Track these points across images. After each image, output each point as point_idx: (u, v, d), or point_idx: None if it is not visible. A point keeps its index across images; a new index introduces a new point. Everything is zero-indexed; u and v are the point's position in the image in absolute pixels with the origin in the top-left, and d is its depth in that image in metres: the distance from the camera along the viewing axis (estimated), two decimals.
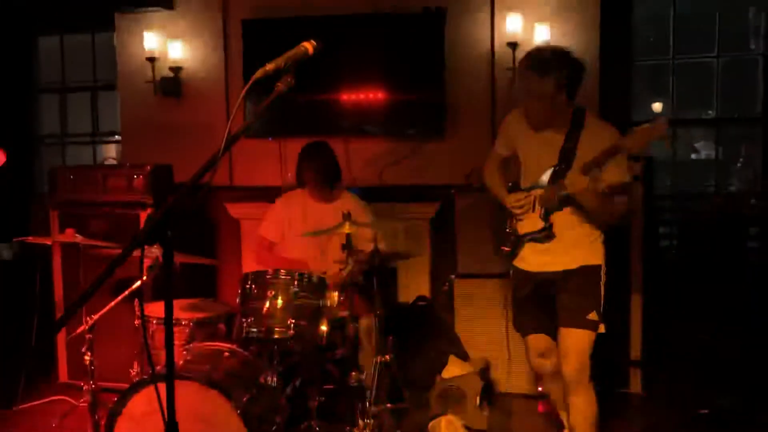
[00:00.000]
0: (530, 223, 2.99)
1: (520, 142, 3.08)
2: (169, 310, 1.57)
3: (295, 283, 3.14)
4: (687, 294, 4.10)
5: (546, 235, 2.96)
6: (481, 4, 4.84)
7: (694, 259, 4.23)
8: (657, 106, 5.56)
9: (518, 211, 3.03)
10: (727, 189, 4.84)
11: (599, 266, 2.98)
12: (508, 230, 3.14)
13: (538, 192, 2.96)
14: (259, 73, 1.63)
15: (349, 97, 4.95)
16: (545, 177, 2.94)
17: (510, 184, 3.16)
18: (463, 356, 4.12)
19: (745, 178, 4.85)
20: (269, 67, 1.64)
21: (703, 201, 4.46)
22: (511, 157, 3.17)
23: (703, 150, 5.71)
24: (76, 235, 3.62)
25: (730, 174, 5.06)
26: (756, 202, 4.26)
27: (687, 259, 4.28)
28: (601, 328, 2.93)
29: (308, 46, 1.74)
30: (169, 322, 1.59)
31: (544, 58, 2.81)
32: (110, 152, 5.85)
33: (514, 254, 3.12)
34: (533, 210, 2.98)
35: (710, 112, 5.11)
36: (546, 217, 2.93)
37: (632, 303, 3.98)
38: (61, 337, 4.50)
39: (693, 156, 5.60)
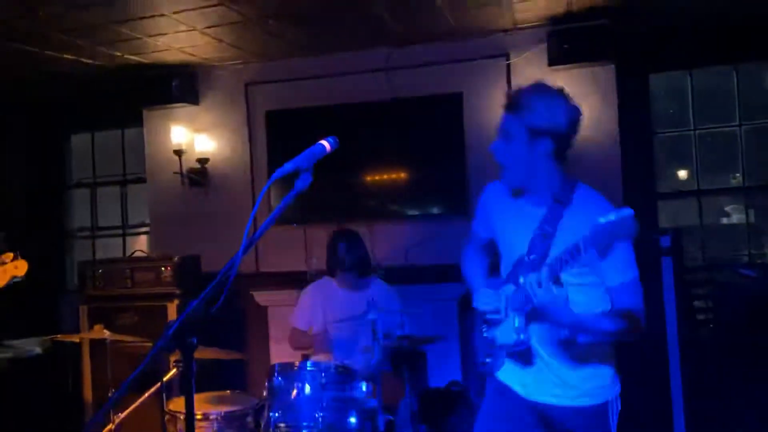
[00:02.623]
0: (506, 331, 2.17)
1: (495, 217, 2.40)
2: (190, 415, 1.54)
3: (323, 374, 3.09)
4: (729, 370, 3.95)
5: (522, 352, 2.18)
6: (498, 86, 4.92)
7: (733, 334, 4.09)
8: (682, 174, 5.52)
9: (489, 315, 2.27)
10: (761, 258, 4.73)
11: (605, 405, 2.21)
12: (485, 335, 2.34)
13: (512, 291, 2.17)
14: (277, 174, 1.64)
15: (372, 180, 5.02)
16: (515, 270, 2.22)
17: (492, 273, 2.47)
18: None
19: None
20: (288, 167, 1.66)
21: (736, 271, 4.36)
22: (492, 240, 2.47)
23: (734, 214, 5.61)
24: (104, 330, 3.64)
25: (762, 241, 4.96)
26: None
27: (726, 334, 4.14)
28: None
29: (326, 143, 1.76)
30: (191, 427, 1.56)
31: (522, 92, 2.26)
32: (139, 244, 5.93)
33: (494, 368, 2.33)
34: (506, 315, 2.17)
35: (737, 175, 5.05)
36: (522, 327, 2.10)
37: (672, 383, 3.84)
38: None
39: (724, 220, 5.50)
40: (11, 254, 2.46)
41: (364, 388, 3.18)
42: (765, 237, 4.92)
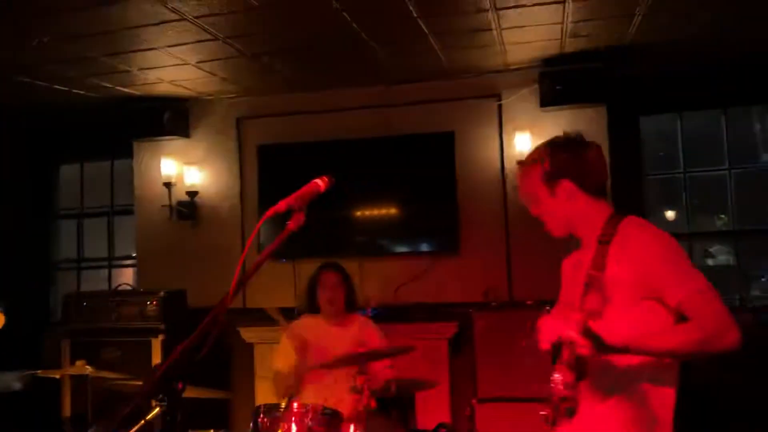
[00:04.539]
0: (558, 382, 1.82)
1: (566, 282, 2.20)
2: None
3: (309, 416, 3.01)
4: (725, 415, 3.90)
5: (567, 407, 1.81)
6: (490, 125, 4.94)
7: (728, 379, 4.04)
8: (670, 215, 5.55)
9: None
10: (751, 303, 4.72)
11: None
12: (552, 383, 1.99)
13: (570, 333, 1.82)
14: (269, 213, 1.60)
15: (363, 216, 5.01)
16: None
17: None
18: None
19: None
20: (281, 206, 1.61)
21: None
22: None
23: (719, 255, 5.63)
24: (86, 366, 3.55)
25: (751, 285, 4.95)
26: None
27: (721, 380, 4.10)
28: None
29: (320, 183, 1.72)
30: None
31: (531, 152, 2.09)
32: (125, 276, 5.84)
33: (549, 421, 1.93)
34: (562, 359, 1.81)
35: (722, 216, 5.08)
36: (570, 382, 1.77)
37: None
38: None
39: (709, 261, 5.50)
40: None
41: (351, 431, 3.10)
42: (754, 281, 4.92)
